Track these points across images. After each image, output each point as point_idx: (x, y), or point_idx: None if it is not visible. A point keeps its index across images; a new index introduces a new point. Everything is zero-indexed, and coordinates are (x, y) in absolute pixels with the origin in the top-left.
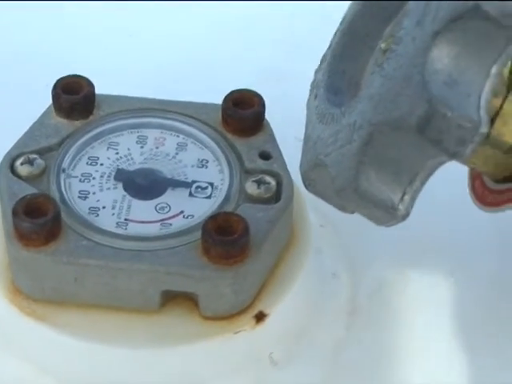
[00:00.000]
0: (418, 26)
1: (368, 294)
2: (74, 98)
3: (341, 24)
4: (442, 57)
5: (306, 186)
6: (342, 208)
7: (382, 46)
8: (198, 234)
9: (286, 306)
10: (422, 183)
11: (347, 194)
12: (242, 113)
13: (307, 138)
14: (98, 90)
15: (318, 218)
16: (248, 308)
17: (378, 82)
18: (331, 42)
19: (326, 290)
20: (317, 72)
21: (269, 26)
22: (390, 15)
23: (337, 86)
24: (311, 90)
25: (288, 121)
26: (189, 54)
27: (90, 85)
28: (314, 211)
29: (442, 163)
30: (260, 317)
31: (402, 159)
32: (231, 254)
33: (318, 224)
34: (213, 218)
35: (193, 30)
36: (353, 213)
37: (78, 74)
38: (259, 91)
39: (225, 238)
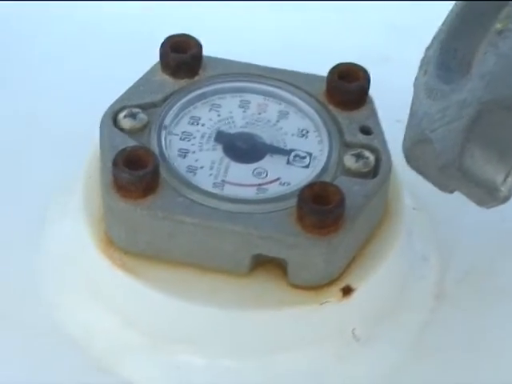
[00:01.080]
0: None
1: (456, 279)
2: (182, 56)
3: (456, 3)
4: None
5: (409, 162)
6: (442, 186)
7: (498, 26)
8: (293, 202)
9: (374, 283)
10: None
11: (450, 171)
12: (347, 85)
13: (413, 114)
14: (206, 52)
15: (412, 201)
16: (336, 280)
17: (492, 60)
18: (445, 19)
19: (414, 272)
20: (428, 49)
21: (380, 9)
22: None
23: (447, 64)
24: (421, 67)
25: (390, 102)
26: (300, 25)
27: (199, 45)
28: (408, 194)
29: None
30: (347, 290)
31: (509, 140)
32: (325, 223)
33: (411, 207)
34: (310, 186)
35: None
36: (452, 192)
37: (187, 33)
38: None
39: (320, 206)
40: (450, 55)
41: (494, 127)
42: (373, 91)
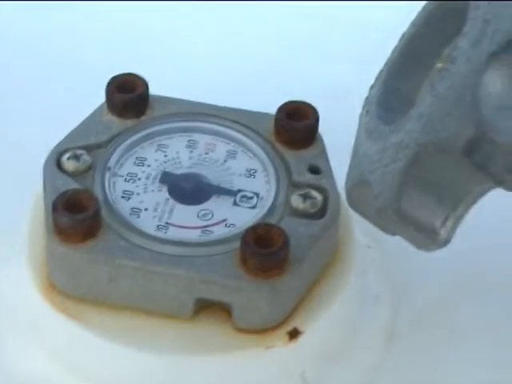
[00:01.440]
0: (474, 47)
1: (409, 320)
2: (128, 96)
3: (399, 42)
4: (496, 80)
5: (349, 203)
6: (383, 228)
7: (439, 66)
8: (238, 244)
9: (323, 325)
10: (466, 209)
11: (388, 215)
12: (295, 124)
13: (354, 154)
14: (153, 91)
15: (366, 239)
16: (283, 323)
17: (429, 101)
18: (388, 59)
19: (366, 313)
20: (371, 88)
21: (338, 40)
22: (449, 36)
23: (389, 104)
24: (364, 106)
25: (344, 137)
26: (248, 61)
27: (145, 84)
28: (363, 232)
29: (488, 190)
30: (294, 333)
31: (447, 183)
32: (268, 266)
33: (365, 245)
34: (253, 228)
35: (258, 37)
36: (394, 234)
37: (133, 72)
38: (317, 105)
39: (263, 249)
40: (392, 95)
41: (432, 170)
42: (332, 126)
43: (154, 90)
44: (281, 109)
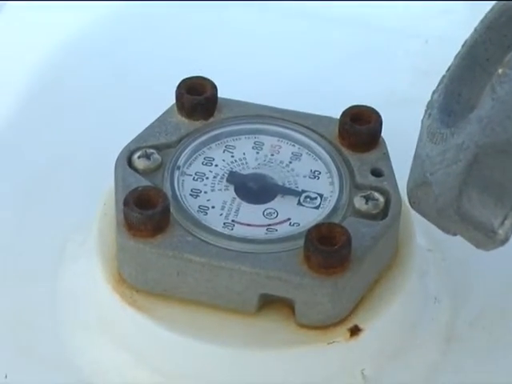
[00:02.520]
0: None
1: (469, 321)
2: (197, 98)
3: (462, 47)
4: None
5: (411, 204)
6: (444, 229)
7: (500, 71)
8: (302, 242)
9: (383, 324)
10: None
11: (448, 214)
12: (359, 128)
13: (416, 156)
14: (220, 94)
15: (427, 242)
16: (344, 320)
17: (489, 104)
18: (451, 64)
19: (425, 313)
20: (434, 92)
21: (402, 50)
22: (511, 42)
23: (450, 108)
24: (426, 110)
25: (405, 141)
26: (316, 67)
27: (214, 87)
28: (424, 235)
29: None
30: (355, 331)
31: (506, 183)
32: (331, 264)
33: (426, 248)
34: (317, 227)
35: (324, 43)
36: (455, 235)
37: (203, 75)
38: (380, 111)
39: (326, 247)
40: (453, 99)
41: (491, 170)
42: (392, 132)
43: (222, 92)
44: (345, 113)
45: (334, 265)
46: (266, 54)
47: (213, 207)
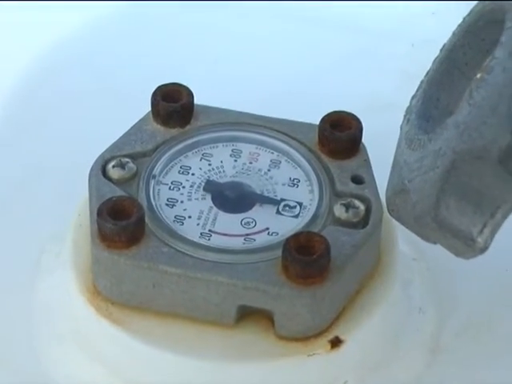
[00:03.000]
0: (510, 57)
1: (455, 332)
2: (173, 105)
3: (440, 51)
4: None
5: (390, 212)
6: (423, 237)
7: (478, 75)
8: (280, 252)
9: (364, 335)
10: (504, 216)
11: (426, 222)
12: (339, 135)
13: (395, 163)
14: (197, 100)
15: (411, 251)
16: (324, 332)
17: (466, 110)
18: (429, 69)
19: (409, 324)
20: (413, 98)
21: (388, 53)
22: (490, 47)
23: (429, 113)
24: (405, 115)
25: (386, 148)
26: (293, 72)
27: (190, 94)
28: (407, 243)
29: None
30: (336, 342)
31: (484, 190)
32: (309, 273)
33: (410, 257)
34: (295, 236)
35: (302, 48)
36: (435, 243)
37: (179, 82)
38: (360, 116)
39: (304, 257)
40: (431, 105)
41: (469, 177)
42: (374, 138)
43: (199, 99)
44: (324, 119)
45: (312, 275)
46: (245, 58)
47: (189, 217)
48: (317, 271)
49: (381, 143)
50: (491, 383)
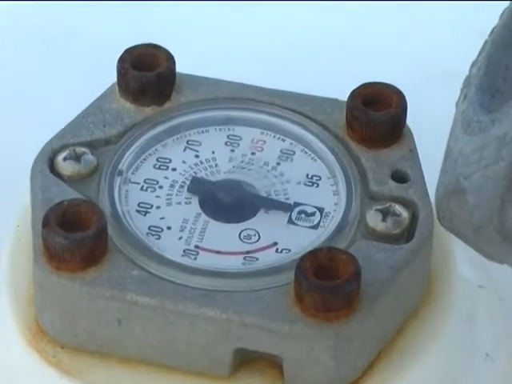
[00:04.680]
0: None
1: None
2: (146, 75)
3: (510, 3)
4: None
5: (440, 220)
6: (485, 254)
7: None
8: (292, 276)
9: None
10: None
11: (488, 233)
12: (375, 115)
13: (448, 154)
14: (180, 68)
15: (475, 275)
16: None
17: None
18: (495, 26)
19: (471, 376)
20: (472, 65)
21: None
22: None
23: (494, 86)
24: (462, 89)
25: (439, 133)
26: (307, 31)
27: (170, 59)
28: (470, 263)
29: None
30: None
31: None
32: (332, 305)
33: (474, 283)
34: (313, 254)
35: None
36: (501, 263)
37: (154, 43)
38: (404, 89)
39: (325, 282)
40: (498, 74)
41: None
42: (422, 120)
43: (182, 67)
44: (355, 93)
45: (336, 307)
46: (241, 18)
47: (168, 228)
48: (342, 302)
49: (432, 127)
50: None
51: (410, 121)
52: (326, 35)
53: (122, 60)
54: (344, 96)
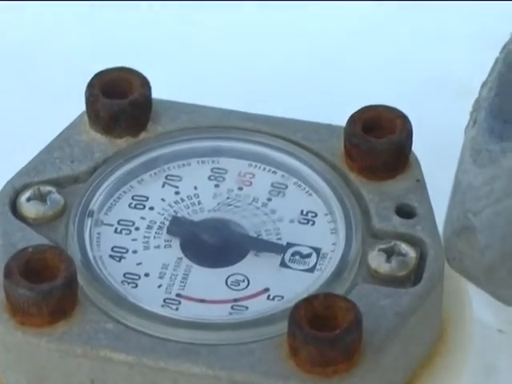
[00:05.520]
0: None
1: None
2: (119, 103)
3: None
4: None
5: (449, 261)
6: (499, 298)
7: None
8: (285, 326)
9: None
10: None
11: (500, 276)
12: (377, 142)
13: (456, 186)
14: (156, 94)
15: (495, 319)
16: None
17: None
18: (507, 42)
19: None
20: (483, 86)
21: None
22: None
23: (506, 110)
24: (471, 113)
25: (447, 160)
26: (301, 50)
27: (145, 84)
28: (489, 307)
29: None
30: None
31: None
32: (330, 358)
33: (494, 328)
34: (307, 301)
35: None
36: None
37: (126, 66)
38: (410, 114)
39: (322, 333)
40: (511, 97)
41: None
42: (433, 146)
43: (158, 92)
44: (354, 118)
45: (335, 360)
46: (228, 30)
47: (146, 275)
48: (342, 355)
49: (441, 154)
50: None
51: (415, 148)
52: (317, 49)
53: (90, 86)
54: (341, 121)
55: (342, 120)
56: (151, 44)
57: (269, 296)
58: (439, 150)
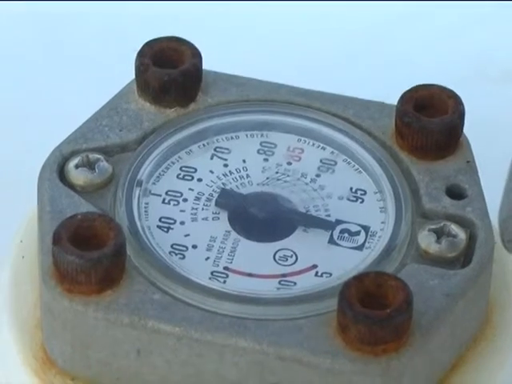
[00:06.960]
0: None
1: None
2: (170, 72)
3: None
4: None
5: (504, 244)
6: None
7: None
8: (335, 303)
9: None
10: None
11: None
12: (429, 122)
13: None
14: (206, 65)
15: None
16: None
17: None
18: None
19: None
20: None
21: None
22: None
23: None
24: None
25: (497, 142)
26: (352, 26)
27: (196, 54)
28: None
29: None
30: None
31: None
32: (380, 337)
33: None
34: (358, 279)
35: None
36: None
37: (177, 36)
38: (461, 93)
39: (372, 311)
40: None
41: None
42: (484, 125)
43: (208, 64)
44: (406, 96)
45: (385, 339)
46: (280, 4)
47: (194, 247)
48: (392, 334)
49: (492, 136)
50: None
51: (466, 129)
52: (370, 28)
53: (141, 55)
54: (392, 99)
55: (392, 98)
56: (203, 15)
57: (317, 273)
58: (490, 131)
